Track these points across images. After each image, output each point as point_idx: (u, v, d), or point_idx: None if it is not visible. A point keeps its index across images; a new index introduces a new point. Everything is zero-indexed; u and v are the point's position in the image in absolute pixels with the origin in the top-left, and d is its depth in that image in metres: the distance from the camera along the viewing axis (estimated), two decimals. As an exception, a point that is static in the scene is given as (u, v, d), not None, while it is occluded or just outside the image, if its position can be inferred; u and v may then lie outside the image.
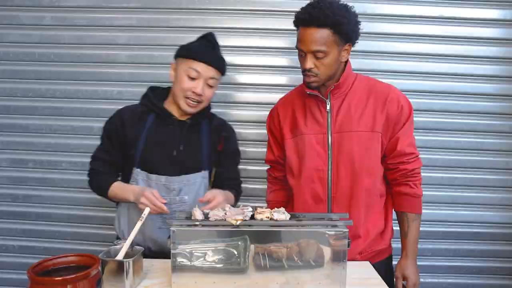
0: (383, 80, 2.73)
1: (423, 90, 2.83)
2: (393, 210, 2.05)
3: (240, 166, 2.26)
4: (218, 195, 1.81)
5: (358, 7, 2.67)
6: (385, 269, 1.95)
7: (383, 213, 2.02)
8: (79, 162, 2.87)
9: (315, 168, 1.93)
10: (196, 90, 1.92)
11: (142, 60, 2.83)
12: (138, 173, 1.96)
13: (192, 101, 1.95)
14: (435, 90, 2.83)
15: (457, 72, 2.81)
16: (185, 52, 1.98)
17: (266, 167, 2.32)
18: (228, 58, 2.78)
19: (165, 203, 1.78)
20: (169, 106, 2.05)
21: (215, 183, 2.08)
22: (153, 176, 1.95)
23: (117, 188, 1.95)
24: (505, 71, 2.82)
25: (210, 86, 1.98)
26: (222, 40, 2.77)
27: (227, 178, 2.12)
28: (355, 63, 2.73)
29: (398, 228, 2.03)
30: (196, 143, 2.04)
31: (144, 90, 2.12)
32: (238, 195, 2.17)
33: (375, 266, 1.86)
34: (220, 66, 2.00)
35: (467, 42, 2.80)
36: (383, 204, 2.03)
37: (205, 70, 1.93)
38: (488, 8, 2.78)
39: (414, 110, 2.74)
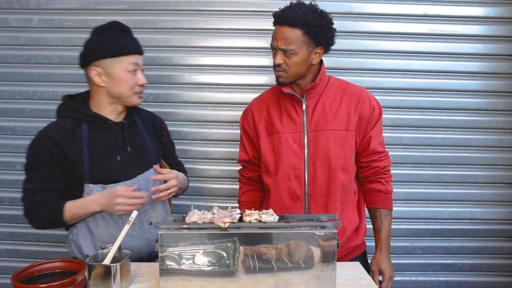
0: (370, 79, 2.78)
1: (411, 87, 2.84)
2: (365, 207, 2.13)
3: (211, 166, 2.28)
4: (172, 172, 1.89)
5: (343, 6, 2.76)
6: (362, 265, 1.98)
7: (356, 209, 2.08)
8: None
9: (291, 166, 1.97)
10: (142, 82, 1.90)
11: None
12: (93, 188, 1.83)
13: (140, 92, 1.93)
14: (422, 87, 2.84)
15: (443, 69, 2.83)
16: (116, 50, 1.86)
17: (237, 167, 2.33)
18: (215, 58, 2.82)
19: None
20: (100, 110, 1.92)
21: None
22: (110, 186, 1.83)
23: (73, 206, 1.80)
24: (490, 68, 2.85)
25: (143, 72, 1.95)
26: (210, 41, 2.81)
27: (175, 165, 2.16)
28: (341, 61, 2.79)
29: (370, 227, 2.10)
30: (140, 141, 1.99)
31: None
32: (187, 175, 2.21)
33: (351, 261, 1.95)
34: (142, 50, 1.97)
35: (452, 40, 2.82)
36: (356, 201, 2.09)
37: (139, 59, 1.91)
38: (472, 6, 2.80)
39: (402, 108, 2.81)
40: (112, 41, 1.87)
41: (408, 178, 2.90)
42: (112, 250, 1.53)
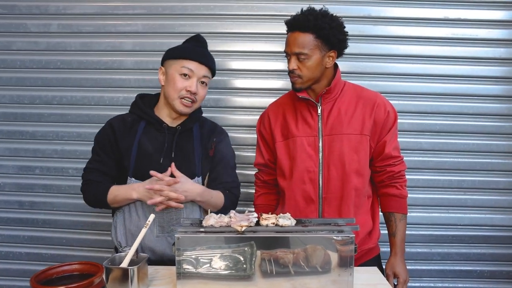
0: (390, 83, 2.76)
1: (431, 92, 2.80)
2: (379, 211, 2.15)
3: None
4: (182, 178, 1.87)
5: (362, 10, 2.73)
6: None
7: (370, 213, 2.09)
8: (86, 169, 2.87)
9: (306, 169, 2.00)
10: (191, 89, 1.93)
11: (147, 66, 2.82)
12: (133, 183, 1.94)
13: (187, 100, 1.95)
14: (442, 92, 2.80)
15: (464, 74, 2.79)
16: (177, 53, 1.99)
17: (254, 171, 2.34)
18: (233, 63, 2.82)
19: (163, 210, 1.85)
20: (159, 112, 2.04)
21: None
22: None
23: (116, 190, 1.92)
24: (512, 72, 2.80)
25: (203, 85, 2.00)
26: (228, 45, 2.81)
27: (220, 183, 2.08)
28: (361, 66, 2.77)
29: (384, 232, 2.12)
30: (188, 150, 2.02)
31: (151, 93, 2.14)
32: (231, 196, 2.09)
33: (365, 264, 1.99)
34: (211, 64, 2.02)
35: (473, 44, 2.78)
36: (370, 205, 2.10)
37: (198, 68, 1.95)
38: (494, 9, 2.76)
39: (422, 113, 2.77)
40: (181, 46, 2.03)
41: (428, 184, 2.85)
42: (130, 253, 1.54)
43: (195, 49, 2.00)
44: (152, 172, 1.82)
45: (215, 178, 2.09)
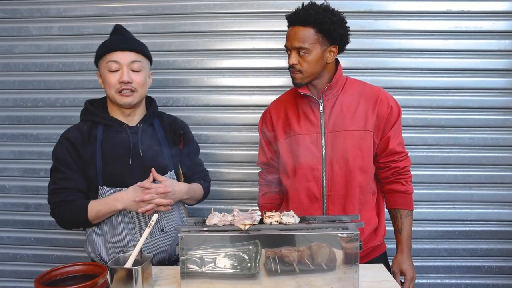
0: (393, 78, 2.74)
1: (435, 86, 2.78)
2: (384, 207, 2.12)
3: (231, 169, 2.25)
4: (167, 181, 1.87)
5: (363, 5, 2.72)
6: None
7: (375, 210, 2.07)
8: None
9: (309, 167, 1.97)
10: (123, 79, 1.85)
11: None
12: (106, 191, 1.88)
13: (125, 91, 1.87)
14: (446, 86, 2.78)
15: (468, 67, 2.76)
16: (98, 52, 1.94)
17: (258, 170, 2.32)
18: (234, 61, 2.81)
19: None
20: (114, 114, 1.98)
21: (184, 181, 2.07)
22: (123, 190, 1.88)
23: (96, 205, 1.84)
24: (517, 64, 2.77)
25: (137, 71, 1.91)
26: (229, 44, 2.80)
27: (194, 173, 2.13)
28: (363, 61, 2.75)
29: (390, 228, 2.10)
30: (155, 146, 1.98)
31: (152, 95, 2.14)
32: (206, 184, 2.17)
33: (371, 262, 1.96)
34: (137, 47, 1.94)
35: (478, 36, 2.75)
36: (375, 202, 2.08)
37: (122, 56, 1.88)
38: (498, 1, 2.73)
39: (426, 108, 2.75)
40: (101, 44, 1.96)
41: (433, 179, 2.84)
42: (134, 253, 1.53)
43: (113, 39, 1.95)
44: (139, 184, 1.80)
45: (189, 169, 2.11)
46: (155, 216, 1.60)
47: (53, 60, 2.89)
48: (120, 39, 1.94)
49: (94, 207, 1.83)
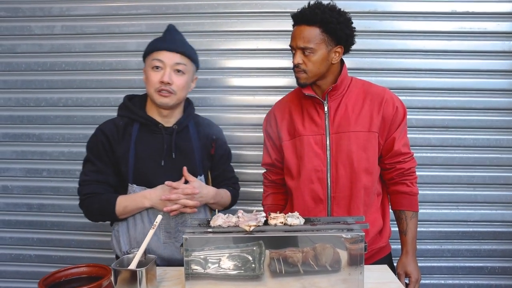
0: (397, 79, 2.73)
1: (439, 87, 2.77)
2: (389, 209, 2.10)
3: (236, 170, 2.27)
4: (196, 183, 1.86)
5: (368, 5, 2.71)
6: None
7: (380, 211, 2.05)
8: (93, 170, 2.86)
9: (314, 168, 1.96)
10: (164, 79, 1.84)
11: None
12: (135, 189, 1.89)
13: (164, 91, 1.86)
14: (450, 87, 2.77)
15: (472, 68, 2.76)
16: (147, 48, 1.94)
17: (262, 170, 2.31)
18: (238, 61, 2.81)
19: (166, 214, 1.84)
20: (150, 112, 1.97)
21: (213, 186, 2.06)
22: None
23: (124, 200, 1.86)
24: (522, 66, 2.77)
25: (179, 74, 1.90)
26: (233, 44, 2.79)
27: (224, 179, 2.12)
28: (367, 62, 2.75)
29: (395, 229, 2.08)
30: (188, 149, 1.98)
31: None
32: (235, 192, 2.17)
33: (376, 264, 1.95)
34: (184, 50, 1.92)
35: (481, 37, 2.75)
36: (380, 203, 2.06)
37: (167, 57, 1.87)
38: (502, 2, 2.72)
39: (430, 108, 2.74)
40: (151, 41, 1.96)
41: (437, 180, 2.83)
42: (138, 255, 1.52)
43: (163, 38, 1.95)
44: (167, 183, 1.80)
45: (218, 176, 2.11)
46: (159, 217, 1.59)
47: (56, 59, 2.89)
48: (169, 39, 1.93)
49: (122, 202, 1.85)
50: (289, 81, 2.80)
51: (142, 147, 1.91)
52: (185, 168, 1.86)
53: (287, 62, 2.76)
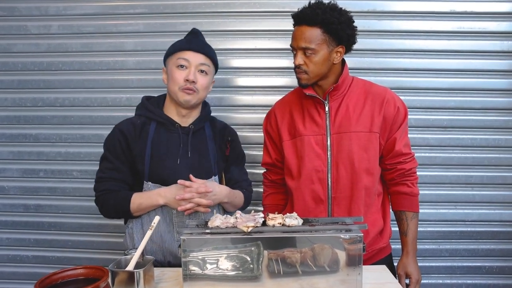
0: (395, 79, 2.72)
1: (437, 87, 2.77)
2: (390, 209, 2.10)
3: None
4: (208, 182, 1.88)
5: (366, 5, 2.71)
6: (387, 268, 1.95)
7: (380, 212, 2.06)
8: (90, 171, 2.86)
9: (314, 169, 1.96)
10: (189, 77, 1.89)
11: (149, 66, 2.80)
12: (151, 187, 1.92)
13: (188, 89, 1.91)
14: (449, 87, 2.77)
15: (471, 68, 2.75)
16: (172, 48, 1.99)
17: (260, 171, 2.31)
18: (236, 61, 2.80)
19: (181, 212, 1.84)
20: (168, 112, 2.01)
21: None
22: None
23: (139, 197, 1.88)
24: (520, 66, 2.76)
25: (203, 74, 1.96)
26: (231, 43, 2.79)
27: (237, 181, 2.13)
28: (366, 61, 2.74)
29: (396, 229, 2.08)
30: (203, 149, 2.01)
31: (153, 95, 2.13)
32: (248, 194, 2.17)
33: (376, 264, 1.95)
34: (208, 52, 1.99)
35: (480, 37, 2.74)
36: (380, 203, 2.06)
37: (193, 57, 1.92)
38: (502, 2, 2.72)
39: (428, 108, 2.74)
40: (176, 41, 2.01)
41: (435, 180, 2.83)
42: (135, 256, 1.52)
43: (188, 39, 2.00)
44: (180, 182, 1.81)
45: (232, 177, 2.12)
46: (157, 218, 1.59)
47: (52, 59, 2.87)
48: (195, 41, 1.99)
49: (137, 199, 1.87)
50: (288, 81, 2.80)
51: (159, 146, 1.94)
52: (191, 176, 1.86)
53: (286, 62, 2.76)
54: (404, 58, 2.76)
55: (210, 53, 1.99)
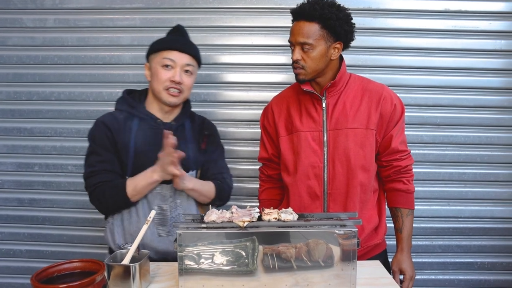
0: (390, 76, 2.74)
1: (430, 85, 2.79)
2: (385, 206, 2.11)
3: (230, 165, 2.25)
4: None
5: (362, 3, 2.72)
6: (382, 264, 1.96)
7: (376, 208, 2.06)
8: (85, 165, 2.85)
9: (311, 164, 1.96)
10: (175, 78, 1.89)
11: (146, 61, 2.79)
12: None
13: (173, 90, 1.91)
14: (443, 85, 2.79)
15: (465, 66, 2.78)
16: (157, 45, 1.96)
17: (258, 166, 2.31)
18: (232, 57, 2.80)
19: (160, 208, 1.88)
20: (150, 108, 2.00)
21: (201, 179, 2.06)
22: None
23: (133, 181, 1.85)
24: (512, 64, 2.79)
25: (188, 74, 1.95)
26: (227, 39, 2.79)
27: (212, 174, 2.08)
28: (361, 59, 2.76)
29: (391, 225, 2.09)
30: (183, 145, 1.97)
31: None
32: (222, 185, 2.08)
33: (371, 260, 1.94)
34: (194, 52, 1.98)
35: (473, 36, 2.77)
36: (376, 200, 2.06)
37: (179, 57, 1.91)
38: (495, 1, 2.74)
39: (422, 106, 2.76)
40: (161, 39, 1.98)
41: (428, 177, 2.86)
42: (131, 250, 1.52)
43: (174, 39, 1.98)
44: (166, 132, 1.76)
45: (207, 170, 2.09)
46: (153, 213, 1.59)
47: (48, 53, 2.86)
48: (181, 40, 1.97)
49: (132, 183, 1.85)
50: (284, 77, 2.81)
51: (141, 141, 1.92)
52: (165, 131, 1.81)
53: (282, 58, 2.77)
54: (398, 56, 2.78)
55: (196, 54, 1.99)
